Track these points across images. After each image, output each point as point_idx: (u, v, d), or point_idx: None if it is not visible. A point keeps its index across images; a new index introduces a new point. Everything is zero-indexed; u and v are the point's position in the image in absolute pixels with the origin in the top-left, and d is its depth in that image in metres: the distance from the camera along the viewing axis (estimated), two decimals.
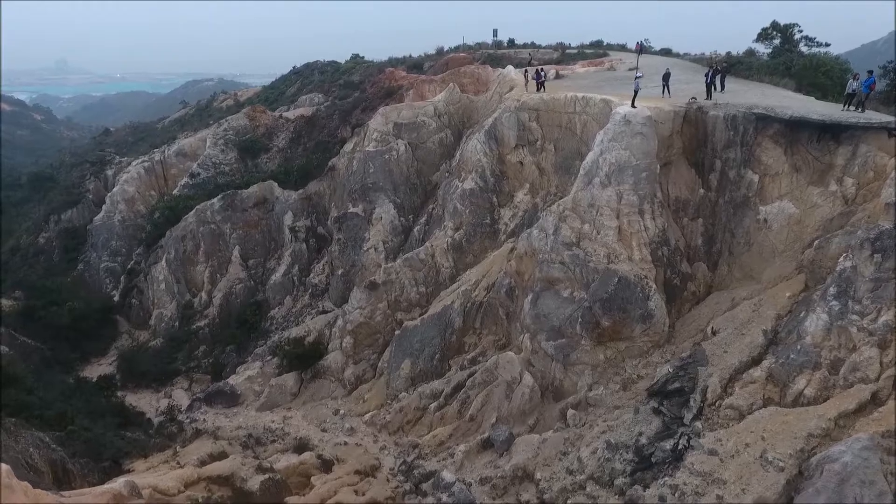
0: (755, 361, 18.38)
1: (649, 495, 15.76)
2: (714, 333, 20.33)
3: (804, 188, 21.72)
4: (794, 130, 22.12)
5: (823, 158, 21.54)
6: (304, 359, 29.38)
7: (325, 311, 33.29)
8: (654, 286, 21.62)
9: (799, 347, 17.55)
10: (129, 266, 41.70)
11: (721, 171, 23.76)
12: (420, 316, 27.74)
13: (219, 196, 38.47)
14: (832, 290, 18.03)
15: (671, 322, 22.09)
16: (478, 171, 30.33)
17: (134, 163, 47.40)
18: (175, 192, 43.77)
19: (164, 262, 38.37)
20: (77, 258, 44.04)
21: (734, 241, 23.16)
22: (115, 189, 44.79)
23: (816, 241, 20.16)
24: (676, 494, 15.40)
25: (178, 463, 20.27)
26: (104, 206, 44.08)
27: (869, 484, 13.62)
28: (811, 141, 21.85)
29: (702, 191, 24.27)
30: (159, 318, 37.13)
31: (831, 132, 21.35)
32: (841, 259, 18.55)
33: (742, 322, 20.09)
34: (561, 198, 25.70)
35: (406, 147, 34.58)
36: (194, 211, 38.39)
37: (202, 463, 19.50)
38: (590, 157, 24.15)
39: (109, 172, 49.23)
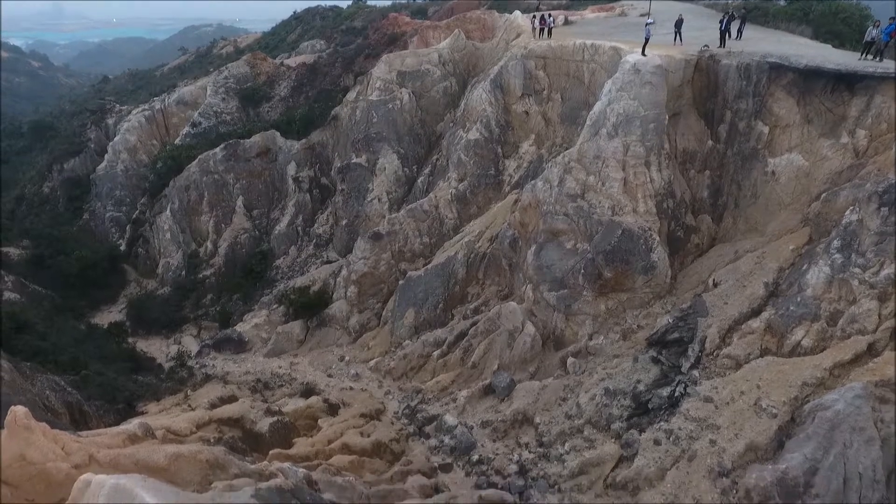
0: (755, 313, 18.59)
1: (644, 439, 16.29)
2: (715, 285, 20.48)
3: (815, 140, 21.37)
4: (809, 80, 21.57)
5: (836, 110, 21.09)
6: (310, 307, 29.88)
7: (329, 261, 33.59)
8: (657, 238, 21.64)
9: (799, 299, 17.70)
10: (133, 216, 41.89)
11: (731, 122, 23.33)
12: (424, 266, 27.96)
13: (221, 146, 38.15)
14: (836, 243, 18.02)
15: (673, 274, 22.22)
16: (483, 121, 29.87)
17: (134, 111, 46.82)
18: (177, 141, 43.39)
19: (168, 211, 38.48)
20: (82, 207, 44.23)
21: (740, 194, 23.00)
22: (116, 138, 44.43)
23: (824, 195, 19.99)
24: (671, 438, 15.91)
25: (190, 406, 20.95)
26: (106, 156, 43.86)
27: (859, 430, 14.02)
28: (825, 91, 21.34)
29: (710, 142, 23.92)
30: (166, 267, 37.56)
31: (846, 82, 20.82)
32: (847, 212, 18.45)
33: (744, 274, 20.20)
34: (567, 149, 25.39)
35: (410, 96, 33.96)
36: (197, 161, 38.18)
37: (213, 406, 20.14)
38: (597, 107, 23.70)
39: (110, 121, 48.74)
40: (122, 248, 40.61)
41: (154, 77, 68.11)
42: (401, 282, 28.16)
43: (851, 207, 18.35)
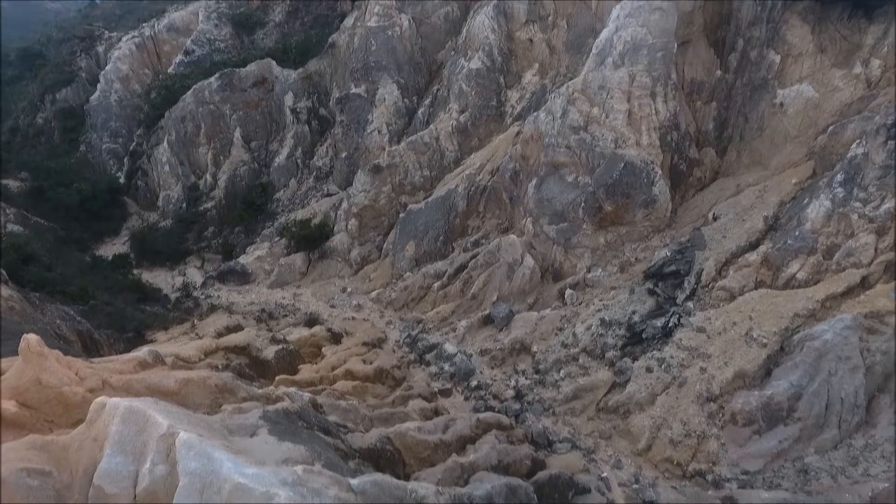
0: (752, 246, 18.76)
1: (637, 367, 16.89)
2: (715, 219, 20.54)
3: (827, 70, 20.76)
4: (825, 6, 20.69)
5: (852, 38, 20.35)
6: (311, 240, 30.10)
7: (329, 194, 33.48)
8: (659, 172, 21.48)
9: (797, 233, 17.80)
10: (130, 148, 41.32)
11: (742, 50, 22.57)
12: (424, 199, 27.91)
13: (216, 75, 37.01)
14: (839, 176, 17.92)
15: (674, 207, 22.22)
16: (485, 49, 28.86)
17: (124, 39, 45.06)
18: (170, 70, 42.08)
19: (165, 143, 37.93)
20: (78, 139, 43.51)
21: (747, 126, 22.58)
22: (108, 67, 43.07)
23: (831, 127, 19.66)
24: (662, 366, 16.49)
25: (197, 335, 21.55)
26: (99, 86, 42.69)
27: (845, 359, 14.52)
28: (842, 18, 20.52)
29: (719, 72, 23.24)
30: (166, 199, 37.47)
31: (865, 8, 19.97)
32: (854, 145, 18.22)
33: (744, 208, 20.21)
34: (571, 79, 24.69)
35: (410, 22, 32.62)
36: (192, 91, 37.18)
37: (219, 335, 20.70)
38: (604, 34, 22.84)
39: (100, 49, 47.06)
40: (122, 180, 40.32)
41: (142, 1, 65.00)
42: (401, 215, 28.21)
43: (858, 140, 18.11)
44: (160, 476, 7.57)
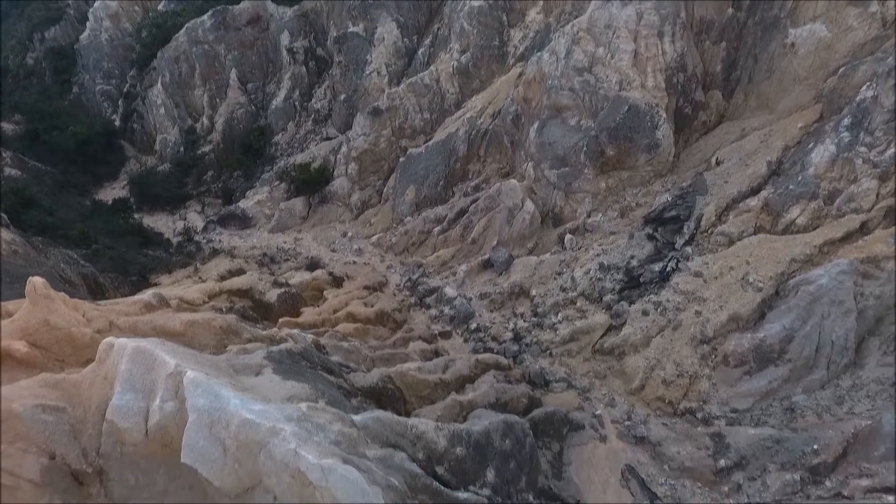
0: (754, 192, 18.67)
1: (633, 310, 17.18)
2: (718, 164, 20.34)
3: (841, 9, 19.98)
4: None
5: None
6: (311, 184, 29.97)
7: (328, 138, 33.02)
8: (664, 115, 21.09)
9: (800, 178, 17.67)
10: (124, 89, 40.42)
11: None
12: (424, 143, 27.56)
13: (209, 13, 35.73)
14: (846, 120, 17.61)
15: (677, 152, 21.96)
16: None
17: None
18: (160, 7, 40.66)
19: (159, 85, 37.07)
20: (70, 80, 42.53)
21: (756, 68, 21.98)
22: (96, 4, 41.52)
23: (842, 69, 19.12)
24: (658, 310, 16.77)
25: (200, 278, 21.81)
26: (88, 24, 41.29)
27: (838, 304, 14.73)
28: None
29: (730, 10, 22.40)
30: (163, 143, 37.00)
31: None
32: (863, 88, 17.80)
33: (748, 153, 19.98)
34: (576, 17, 23.83)
35: None
36: (184, 30, 36.00)
37: (222, 278, 20.94)
38: None
39: None
40: (117, 123, 39.69)
41: None
42: (401, 159, 27.93)
43: (868, 83, 17.67)
44: (170, 412, 7.87)
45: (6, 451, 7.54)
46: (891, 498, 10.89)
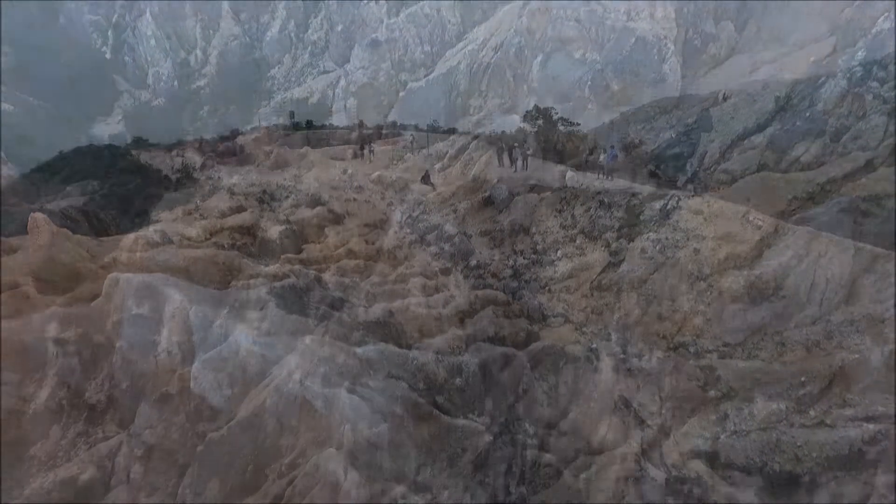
0: (760, 128, 18.35)
1: (632, 247, 17.28)
2: (725, 99, 19.89)
3: None
4: None
5: None
6: (309, 120, 29.41)
7: (326, 71, 32.13)
8: (672, 48, 20.41)
9: (808, 114, 17.34)
10: (113, 19, 38.89)
11: None
12: (425, 77, 26.83)
13: None
14: (860, 54, 17.08)
15: (683, 87, 21.40)
16: None
17: None
18: None
19: (148, 15, 35.69)
20: (56, 9, 40.84)
21: None
22: None
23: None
24: (657, 247, 16.86)
25: (201, 215, 21.79)
26: None
27: (836, 242, 14.81)
28: None
29: None
30: (156, 76, 36.05)
31: None
32: (881, 19, 17.11)
33: (757, 88, 19.48)
34: None
35: None
36: None
37: (223, 215, 20.93)
38: None
39: None
40: (108, 55, 38.47)
41: None
42: (401, 94, 27.28)
43: (886, 14, 16.98)
44: (177, 344, 8.14)
45: (23, 382, 7.87)
46: (871, 425, 11.38)
